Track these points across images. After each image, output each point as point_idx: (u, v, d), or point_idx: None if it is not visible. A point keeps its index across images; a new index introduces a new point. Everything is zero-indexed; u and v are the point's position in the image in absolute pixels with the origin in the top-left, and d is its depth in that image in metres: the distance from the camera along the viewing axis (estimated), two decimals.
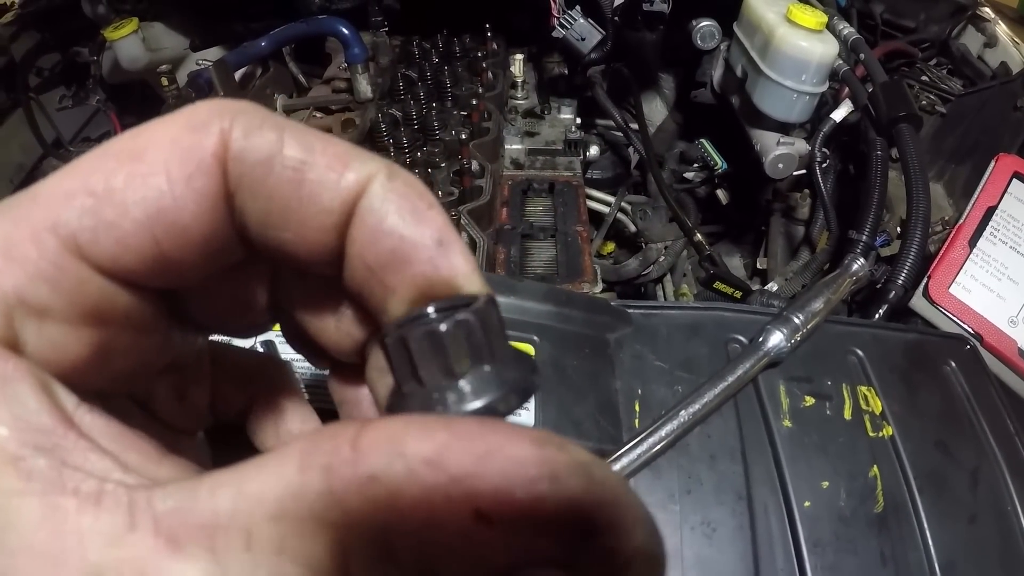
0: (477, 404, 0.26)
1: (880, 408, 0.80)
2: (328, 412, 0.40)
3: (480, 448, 0.21)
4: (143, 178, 0.25)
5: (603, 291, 1.33)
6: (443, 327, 0.26)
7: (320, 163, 0.27)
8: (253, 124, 0.26)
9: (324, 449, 0.22)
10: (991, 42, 1.70)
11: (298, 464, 0.22)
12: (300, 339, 0.37)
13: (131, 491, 0.23)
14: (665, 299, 1.47)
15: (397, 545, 0.22)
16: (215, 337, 0.39)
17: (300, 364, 0.56)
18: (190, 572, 0.21)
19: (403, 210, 0.27)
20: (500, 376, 0.27)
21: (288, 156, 0.26)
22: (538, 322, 0.77)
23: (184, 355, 0.35)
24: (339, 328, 0.34)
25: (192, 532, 0.22)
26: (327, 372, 0.38)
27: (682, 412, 0.73)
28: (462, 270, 0.28)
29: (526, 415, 0.70)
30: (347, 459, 0.22)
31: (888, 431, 0.79)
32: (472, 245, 1.10)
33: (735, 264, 1.70)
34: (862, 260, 1.01)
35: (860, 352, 0.85)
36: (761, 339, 0.80)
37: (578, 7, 1.43)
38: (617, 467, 0.69)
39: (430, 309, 0.27)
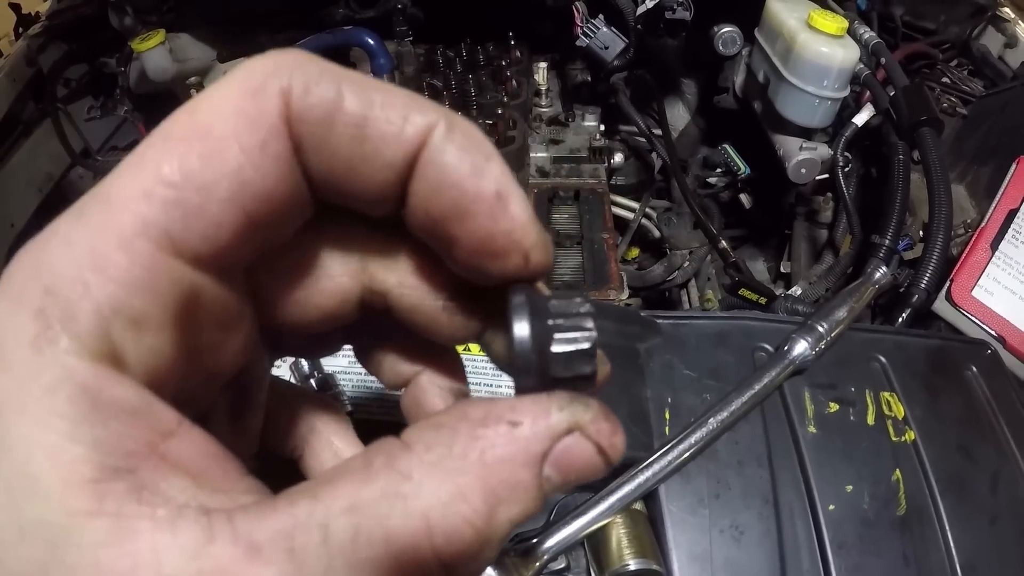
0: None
1: (903, 413, 0.84)
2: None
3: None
4: (218, 155, 0.25)
5: (629, 297, 1.36)
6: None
7: (380, 117, 0.27)
8: (311, 79, 0.26)
9: (382, 450, 0.27)
10: (1011, 42, 1.71)
11: (362, 464, 0.26)
12: (371, 352, 0.40)
13: (210, 514, 0.23)
14: (690, 304, 1.50)
15: (468, 484, 0.26)
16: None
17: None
18: (268, 572, 0.23)
19: (463, 163, 0.28)
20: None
21: (348, 112, 0.27)
22: None
23: (251, 365, 0.36)
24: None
25: (270, 537, 0.23)
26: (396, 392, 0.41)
27: (711, 420, 0.77)
28: (520, 222, 0.29)
29: None
30: (401, 448, 0.27)
31: (910, 435, 0.82)
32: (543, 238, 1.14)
33: (759, 268, 1.73)
34: (884, 268, 1.04)
35: (883, 359, 0.89)
36: (786, 348, 0.83)
37: (601, 16, 1.45)
38: (649, 473, 0.72)
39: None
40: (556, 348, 0.30)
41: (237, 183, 0.25)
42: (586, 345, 0.30)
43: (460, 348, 0.40)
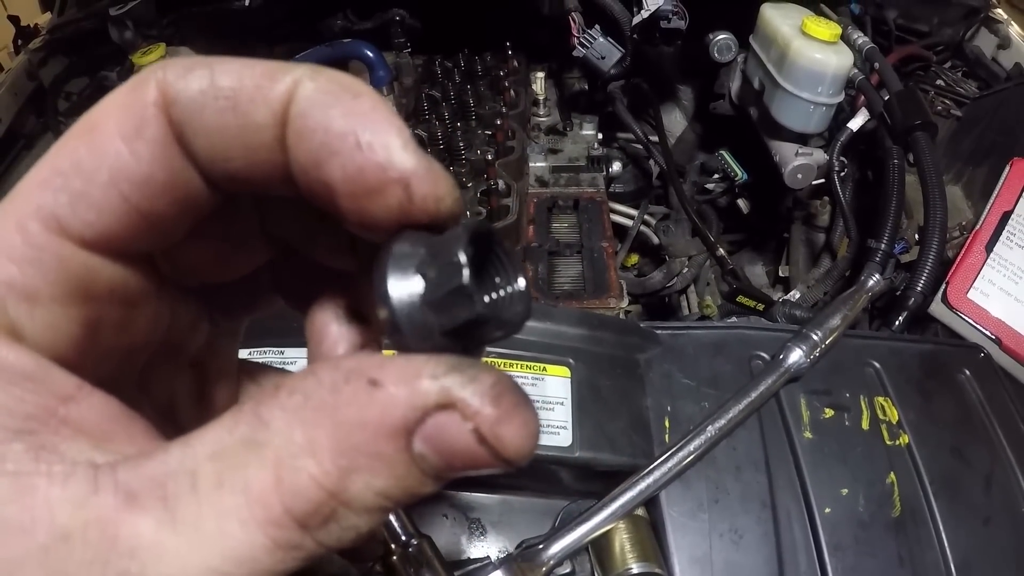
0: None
1: (897, 417, 0.86)
2: None
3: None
4: (100, 144, 0.27)
5: (629, 304, 1.38)
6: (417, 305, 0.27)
7: (249, 84, 0.27)
8: (185, 67, 0.27)
9: (257, 396, 0.27)
10: (1004, 43, 1.73)
11: (234, 410, 0.26)
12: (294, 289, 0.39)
13: (98, 467, 0.25)
14: (690, 310, 1.52)
15: (318, 440, 0.25)
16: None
17: None
18: (144, 522, 0.24)
19: (326, 104, 0.27)
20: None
21: (220, 87, 0.27)
22: (573, 346, 0.84)
23: (185, 336, 0.36)
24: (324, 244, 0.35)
25: (146, 486, 0.24)
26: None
27: (709, 427, 0.79)
28: (392, 149, 0.27)
29: (564, 434, 0.77)
30: (271, 392, 0.26)
31: (904, 439, 0.85)
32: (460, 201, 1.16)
33: (757, 272, 1.75)
34: (876, 276, 1.07)
35: (877, 364, 0.91)
36: (782, 356, 0.86)
37: (597, 26, 1.48)
38: (650, 480, 0.75)
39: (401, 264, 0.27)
40: (427, 294, 0.27)
41: (116, 168, 0.27)
42: (458, 281, 0.26)
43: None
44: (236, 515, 0.24)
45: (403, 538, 0.66)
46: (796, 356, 0.86)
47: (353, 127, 0.27)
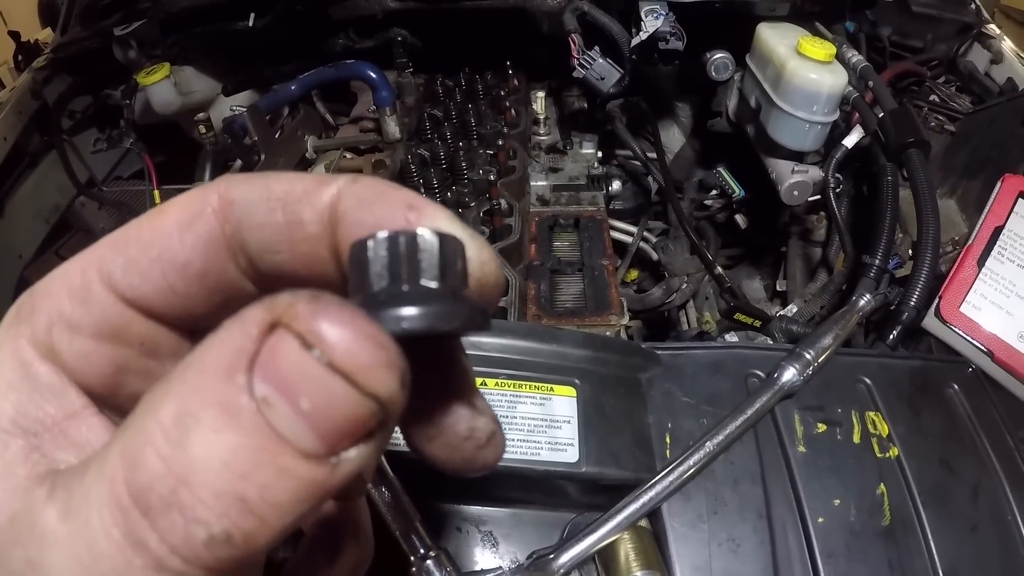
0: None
1: (887, 431, 0.92)
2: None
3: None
4: (160, 226, 0.33)
5: (630, 320, 1.43)
6: (369, 242, 0.29)
7: (299, 190, 0.32)
8: (245, 178, 0.33)
9: None
10: (997, 58, 1.80)
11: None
12: None
13: (55, 472, 0.30)
14: (689, 325, 1.57)
15: (162, 404, 0.26)
16: None
17: None
18: (51, 512, 0.27)
19: (373, 198, 0.32)
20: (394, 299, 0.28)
21: (274, 190, 0.33)
22: (578, 366, 0.89)
23: None
24: None
25: (61, 481, 0.28)
26: None
27: (708, 442, 0.85)
28: (441, 219, 0.32)
29: (571, 450, 0.82)
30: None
31: (894, 452, 0.90)
32: (505, 284, 1.22)
33: (755, 287, 1.81)
34: (868, 296, 1.12)
35: (868, 380, 0.97)
36: (776, 374, 0.92)
37: (597, 47, 1.53)
38: (652, 493, 0.81)
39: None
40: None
41: (164, 248, 0.33)
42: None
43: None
44: (97, 501, 0.25)
45: (420, 550, 0.71)
46: (790, 374, 0.91)
47: (400, 209, 0.32)
